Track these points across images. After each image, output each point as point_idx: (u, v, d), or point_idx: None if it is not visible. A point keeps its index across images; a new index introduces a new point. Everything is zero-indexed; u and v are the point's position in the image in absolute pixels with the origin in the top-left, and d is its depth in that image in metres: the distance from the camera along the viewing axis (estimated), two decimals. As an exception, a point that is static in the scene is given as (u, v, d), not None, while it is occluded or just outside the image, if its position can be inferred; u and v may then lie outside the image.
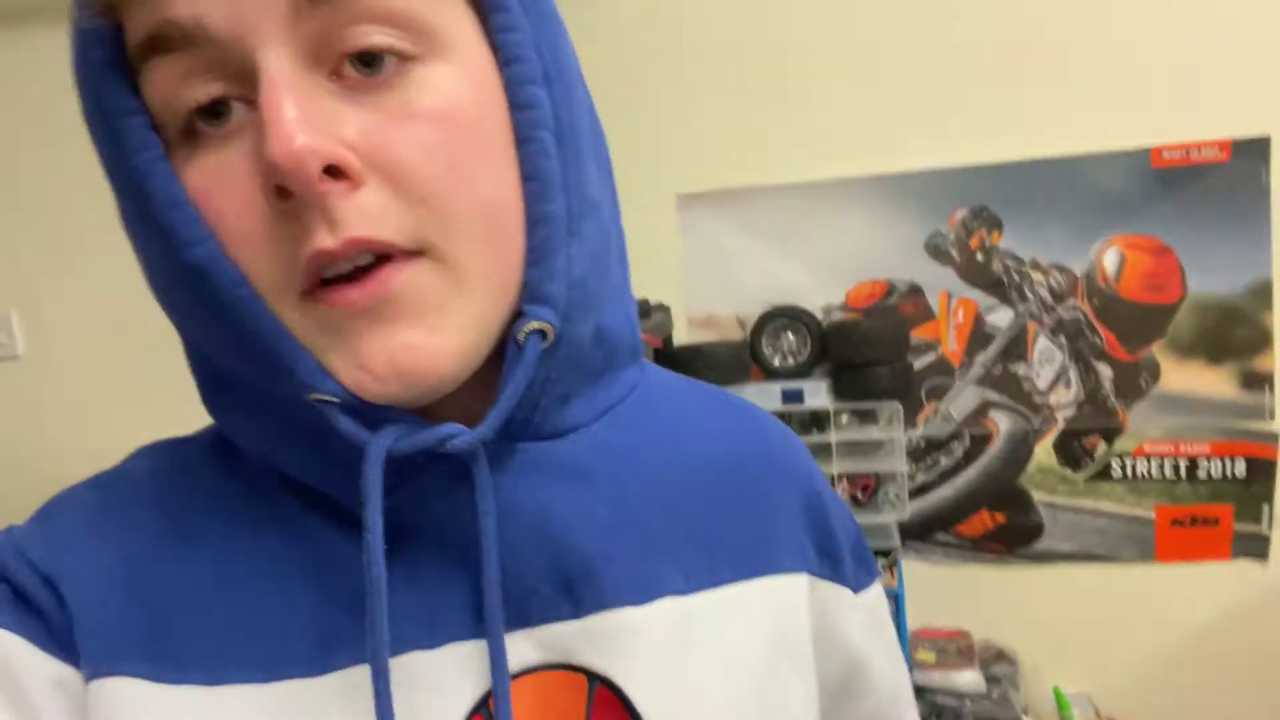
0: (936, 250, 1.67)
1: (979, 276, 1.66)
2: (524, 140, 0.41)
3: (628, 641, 0.44)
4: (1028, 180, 1.62)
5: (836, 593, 0.53)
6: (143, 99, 0.38)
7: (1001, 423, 1.68)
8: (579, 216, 0.43)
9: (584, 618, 0.43)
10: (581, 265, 0.43)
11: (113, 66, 0.38)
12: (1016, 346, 1.66)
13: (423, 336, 0.38)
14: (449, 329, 0.39)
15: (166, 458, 0.48)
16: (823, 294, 1.71)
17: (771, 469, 0.53)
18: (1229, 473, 1.62)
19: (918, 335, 1.69)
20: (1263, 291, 1.58)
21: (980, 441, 1.69)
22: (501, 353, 0.42)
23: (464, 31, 0.40)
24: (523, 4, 0.42)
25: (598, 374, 0.48)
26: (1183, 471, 1.63)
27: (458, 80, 0.39)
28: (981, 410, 1.68)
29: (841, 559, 0.54)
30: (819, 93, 1.68)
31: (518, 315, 0.42)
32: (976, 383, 1.68)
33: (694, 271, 1.76)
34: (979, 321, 1.67)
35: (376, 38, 0.37)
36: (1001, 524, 1.70)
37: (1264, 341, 1.59)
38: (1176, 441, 1.63)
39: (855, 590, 0.55)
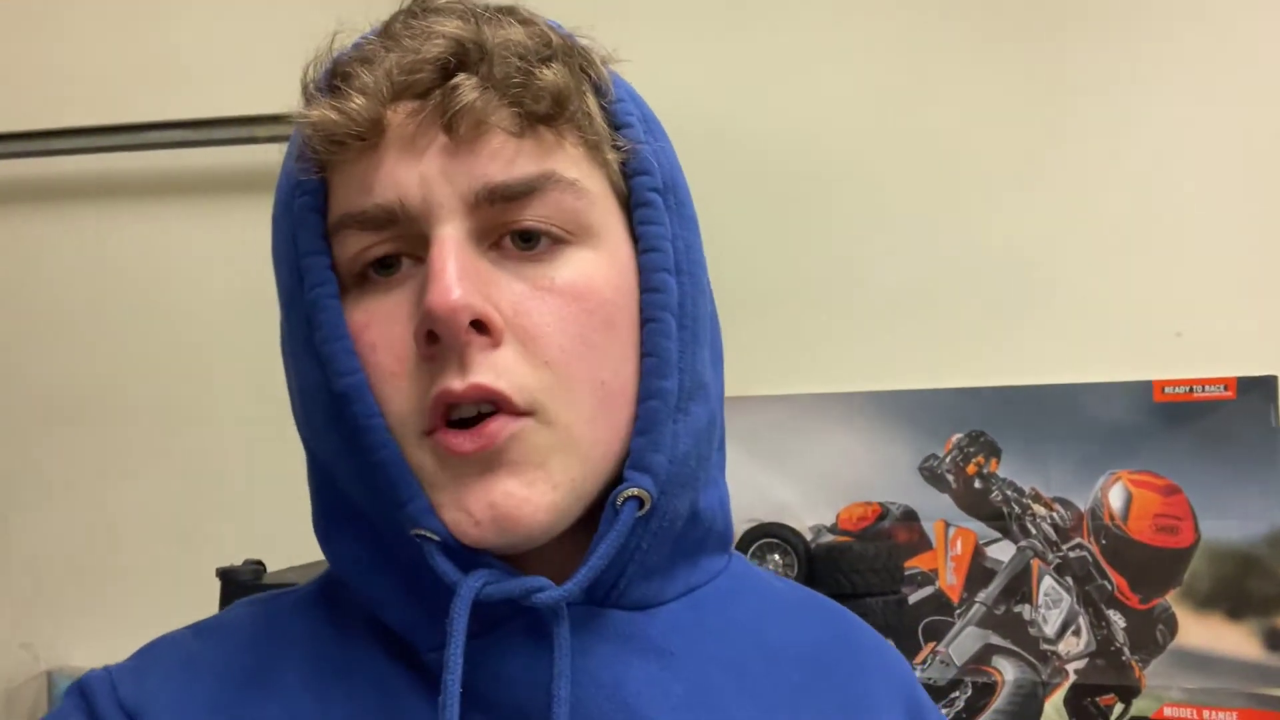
0: (932, 474, 1.59)
1: (977, 506, 1.57)
2: (648, 319, 0.45)
3: None
4: (1026, 406, 1.57)
5: None
6: (329, 244, 0.44)
7: (1007, 671, 1.52)
8: (689, 396, 0.46)
9: None
10: (686, 443, 0.45)
11: (314, 212, 0.44)
12: (1020, 585, 1.54)
13: (521, 488, 0.41)
14: (546, 485, 0.41)
15: (263, 609, 0.50)
16: (812, 513, 1.61)
17: (866, 670, 0.53)
18: (1263, 747, 1.45)
19: (912, 565, 1.57)
20: (1281, 541, 1.48)
21: (984, 691, 1.52)
22: (597, 516, 0.44)
23: (612, 224, 0.46)
24: (665, 204, 0.47)
25: (687, 554, 0.49)
26: (1210, 742, 1.46)
27: (599, 264, 0.44)
28: (984, 655, 1.53)
29: None
30: (808, 305, 1.67)
31: (618, 482, 0.44)
32: (978, 623, 1.54)
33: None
34: (978, 554, 1.56)
35: (536, 222, 0.43)
36: (1008, 791, 1.50)
37: (1287, 597, 1.46)
38: (1200, 707, 1.46)
39: None
